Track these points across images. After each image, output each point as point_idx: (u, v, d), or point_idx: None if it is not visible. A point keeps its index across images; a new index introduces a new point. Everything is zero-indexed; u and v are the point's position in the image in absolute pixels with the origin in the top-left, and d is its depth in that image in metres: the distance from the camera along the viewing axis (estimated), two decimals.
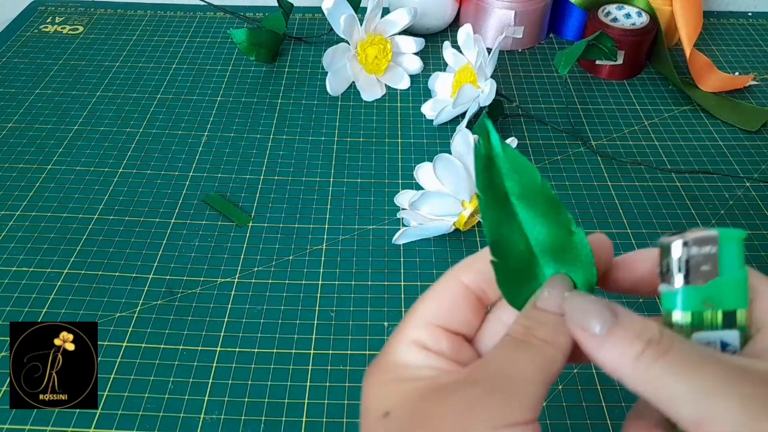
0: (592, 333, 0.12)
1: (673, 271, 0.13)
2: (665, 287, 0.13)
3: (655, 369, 0.11)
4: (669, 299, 0.13)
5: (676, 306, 0.13)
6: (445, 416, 0.12)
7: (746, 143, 0.41)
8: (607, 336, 0.12)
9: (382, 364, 0.14)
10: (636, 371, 0.12)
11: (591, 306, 0.13)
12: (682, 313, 0.13)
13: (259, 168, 0.38)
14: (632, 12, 0.46)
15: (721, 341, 0.13)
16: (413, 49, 0.45)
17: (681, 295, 0.13)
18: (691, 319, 0.13)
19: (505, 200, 0.14)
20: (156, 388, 0.27)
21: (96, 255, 0.32)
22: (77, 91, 0.44)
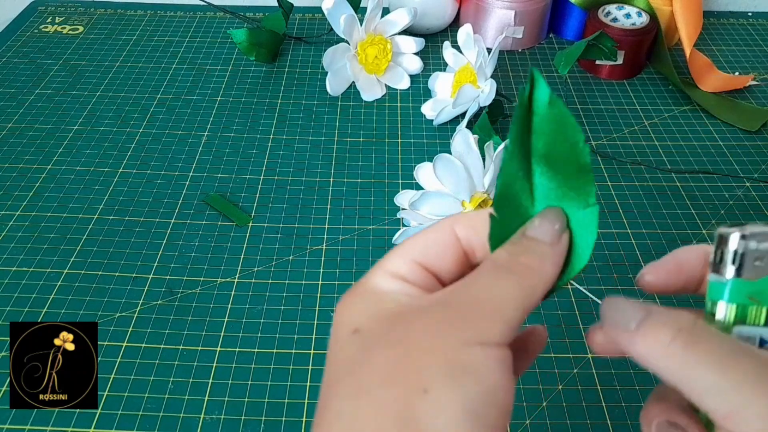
0: (626, 329, 0.12)
1: (727, 261, 0.13)
2: (715, 277, 0.13)
3: (685, 358, 0.11)
4: (716, 289, 0.13)
5: (723, 297, 0.13)
6: (415, 332, 0.12)
7: (746, 143, 0.41)
8: (639, 328, 0.12)
9: (357, 288, 0.14)
10: (666, 359, 0.12)
11: (625, 305, 0.13)
12: (727, 305, 0.13)
13: (259, 168, 0.38)
14: (632, 12, 0.46)
15: (760, 338, 0.13)
16: (413, 49, 0.45)
17: (729, 287, 0.13)
18: (735, 312, 0.13)
19: (526, 158, 0.14)
20: (156, 388, 0.27)
21: (96, 255, 0.32)
22: (77, 91, 0.44)
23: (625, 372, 0.28)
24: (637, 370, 0.28)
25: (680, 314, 0.12)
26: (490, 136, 0.36)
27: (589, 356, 0.28)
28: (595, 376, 0.27)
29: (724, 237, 0.13)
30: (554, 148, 0.14)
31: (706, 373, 0.11)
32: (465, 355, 0.12)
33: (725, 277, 0.13)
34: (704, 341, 0.12)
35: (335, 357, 0.13)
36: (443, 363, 0.11)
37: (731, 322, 0.13)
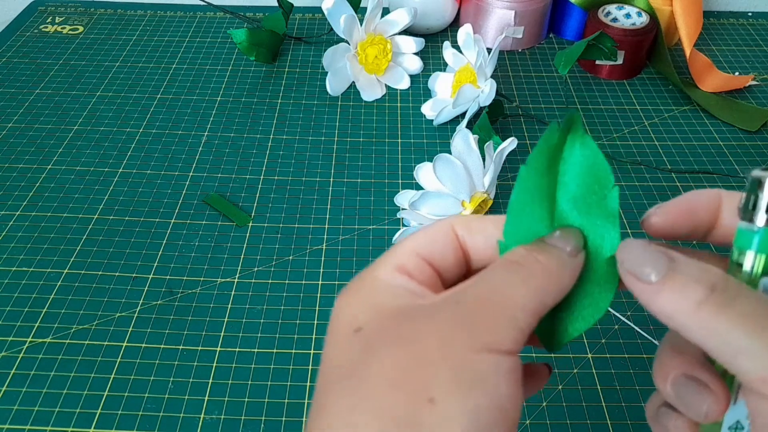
0: (647, 281, 0.11)
1: (760, 207, 0.12)
2: (745, 225, 0.12)
3: (720, 319, 0.11)
4: (745, 238, 0.12)
5: (752, 246, 0.12)
6: (422, 335, 0.11)
7: (746, 143, 0.41)
8: (665, 281, 0.11)
9: (361, 280, 0.13)
10: (698, 320, 0.11)
11: (646, 250, 0.12)
12: (757, 255, 0.12)
13: (259, 168, 0.38)
14: (632, 12, 0.46)
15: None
16: (413, 49, 0.45)
17: (761, 235, 0.12)
18: (765, 263, 0.12)
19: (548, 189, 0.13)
20: (156, 388, 0.27)
21: (96, 255, 0.32)
22: (77, 91, 0.44)
23: (625, 372, 0.28)
24: (637, 370, 0.28)
25: (710, 269, 0.11)
26: (490, 136, 0.36)
27: (589, 356, 0.28)
28: (595, 376, 0.27)
29: (761, 181, 0.12)
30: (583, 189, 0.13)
31: (741, 336, 0.10)
32: (474, 363, 0.11)
33: (757, 225, 0.12)
34: (739, 301, 0.11)
35: (334, 356, 0.12)
36: (451, 371, 0.11)
37: (758, 274, 0.12)
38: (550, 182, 0.14)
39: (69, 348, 0.28)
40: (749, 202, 0.12)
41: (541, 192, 0.14)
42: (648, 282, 0.11)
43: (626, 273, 0.12)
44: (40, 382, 0.27)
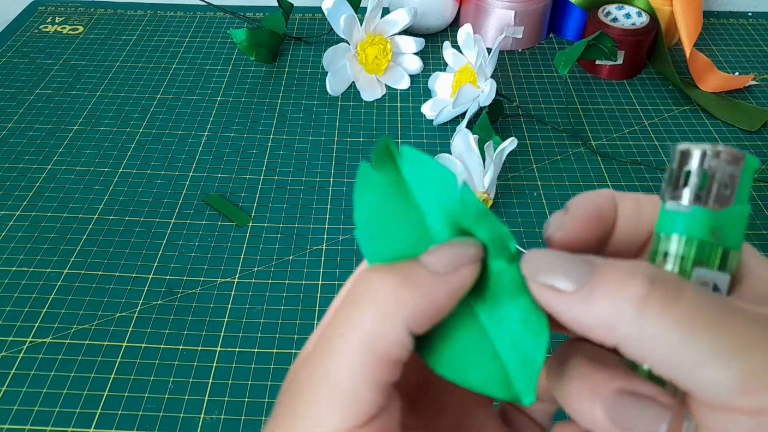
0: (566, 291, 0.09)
1: (692, 184, 0.10)
2: (671, 205, 0.10)
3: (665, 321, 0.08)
4: (672, 221, 0.10)
5: (681, 230, 0.10)
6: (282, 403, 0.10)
7: (746, 143, 0.41)
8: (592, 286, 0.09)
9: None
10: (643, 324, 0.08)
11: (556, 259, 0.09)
12: (688, 240, 0.10)
13: (259, 168, 0.38)
14: (632, 12, 0.46)
15: (714, 284, 0.10)
16: (413, 49, 0.45)
17: (693, 216, 0.10)
18: (696, 251, 0.10)
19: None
20: (156, 388, 0.27)
21: (96, 255, 0.32)
22: (77, 91, 0.44)
23: None
24: None
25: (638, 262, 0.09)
26: (490, 136, 0.36)
27: None
28: None
29: (688, 154, 0.10)
30: (440, 204, 0.11)
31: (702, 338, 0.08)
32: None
33: (684, 203, 0.10)
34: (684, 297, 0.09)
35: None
36: None
37: (690, 262, 0.10)
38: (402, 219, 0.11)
39: (69, 348, 0.28)
40: (678, 178, 0.10)
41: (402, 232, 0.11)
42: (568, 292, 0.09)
43: (538, 287, 0.10)
44: (40, 382, 0.27)
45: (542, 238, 0.32)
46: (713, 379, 0.09)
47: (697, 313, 0.09)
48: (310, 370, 0.10)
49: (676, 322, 0.09)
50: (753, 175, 0.10)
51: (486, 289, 0.11)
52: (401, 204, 0.11)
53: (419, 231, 0.11)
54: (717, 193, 0.10)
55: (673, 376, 0.09)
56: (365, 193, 0.11)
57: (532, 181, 0.37)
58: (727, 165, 0.10)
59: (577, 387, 0.10)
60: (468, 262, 0.10)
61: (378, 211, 0.11)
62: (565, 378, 0.10)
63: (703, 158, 0.10)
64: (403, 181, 0.11)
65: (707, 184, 0.10)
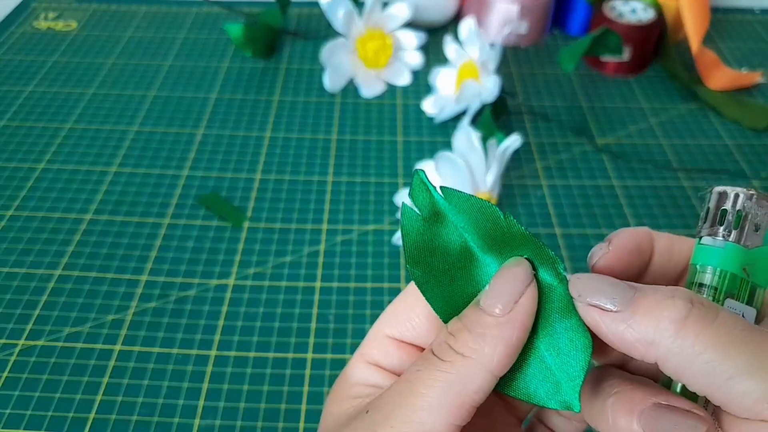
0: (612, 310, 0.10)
1: (726, 222, 0.11)
2: (709, 240, 0.11)
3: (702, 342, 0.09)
4: (707, 255, 0.11)
5: (714, 263, 0.11)
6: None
7: (753, 142, 0.40)
8: (634, 307, 0.10)
9: (337, 383, 0.14)
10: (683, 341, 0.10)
11: (601, 282, 0.11)
12: (722, 273, 0.11)
13: (255, 167, 0.37)
14: (638, 7, 0.45)
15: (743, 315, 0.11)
16: (414, 44, 0.44)
17: (726, 252, 0.11)
18: (728, 283, 0.11)
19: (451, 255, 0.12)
20: (150, 393, 0.26)
21: (89, 256, 0.32)
22: (70, 88, 0.43)
23: None
24: None
25: (677, 288, 0.10)
26: (493, 133, 0.36)
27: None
28: None
29: (726, 195, 0.11)
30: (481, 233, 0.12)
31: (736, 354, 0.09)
32: None
33: (722, 240, 0.11)
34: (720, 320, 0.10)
35: None
36: None
37: (722, 293, 0.11)
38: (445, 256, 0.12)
39: (61, 351, 0.28)
40: (713, 217, 0.12)
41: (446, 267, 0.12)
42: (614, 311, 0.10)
43: (586, 307, 0.11)
44: (33, 386, 0.26)
45: (545, 237, 0.31)
46: (744, 392, 0.10)
47: (732, 333, 0.10)
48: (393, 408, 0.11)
49: (712, 340, 0.10)
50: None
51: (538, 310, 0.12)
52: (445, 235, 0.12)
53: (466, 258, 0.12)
54: (749, 232, 0.11)
55: (707, 389, 0.10)
56: (411, 233, 0.13)
57: (536, 179, 0.37)
58: (759, 207, 0.11)
59: (614, 403, 0.11)
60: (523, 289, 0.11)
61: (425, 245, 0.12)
62: (601, 396, 0.11)
63: (738, 199, 0.11)
64: (442, 214, 0.13)
65: (741, 224, 0.11)
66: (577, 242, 0.33)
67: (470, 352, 0.11)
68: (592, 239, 0.33)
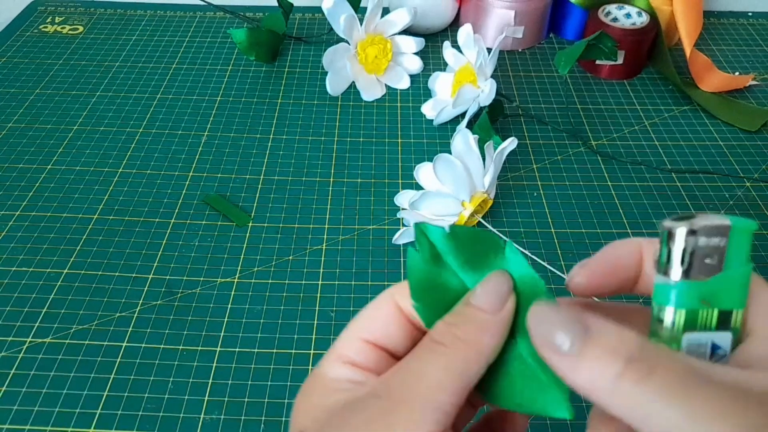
0: (560, 350, 0.11)
1: (674, 261, 0.11)
2: (661, 279, 0.12)
3: (639, 393, 0.10)
4: (663, 293, 0.12)
5: (670, 302, 0.11)
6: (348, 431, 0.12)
7: (746, 143, 0.41)
8: (580, 355, 0.11)
9: (310, 380, 0.14)
10: (616, 395, 0.10)
11: (558, 317, 0.11)
12: (676, 311, 0.11)
13: (259, 168, 0.38)
14: (632, 12, 0.46)
15: (712, 343, 0.11)
16: (413, 48, 0.45)
17: (678, 291, 0.11)
18: (685, 318, 0.11)
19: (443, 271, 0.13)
20: (156, 388, 0.27)
21: (96, 255, 0.32)
22: (77, 90, 0.44)
23: None
24: None
25: (625, 335, 0.11)
26: (490, 135, 0.36)
27: None
28: None
29: (671, 233, 0.11)
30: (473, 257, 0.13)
31: (664, 410, 0.10)
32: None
33: (672, 279, 0.11)
34: (659, 372, 0.10)
35: None
36: None
37: (680, 329, 0.11)
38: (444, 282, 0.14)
39: (69, 348, 0.28)
40: (663, 255, 0.11)
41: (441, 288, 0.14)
42: (563, 354, 0.11)
43: (539, 343, 0.11)
44: (40, 382, 0.27)
45: (541, 237, 0.32)
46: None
47: (667, 390, 0.10)
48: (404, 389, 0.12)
49: (646, 395, 0.10)
50: (749, 236, 0.11)
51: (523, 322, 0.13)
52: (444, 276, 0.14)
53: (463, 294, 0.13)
54: (700, 266, 0.11)
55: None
56: (414, 272, 0.14)
57: (532, 180, 0.37)
58: (708, 238, 0.11)
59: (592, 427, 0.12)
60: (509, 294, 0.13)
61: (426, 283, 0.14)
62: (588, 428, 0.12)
63: (680, 237, 0.11)
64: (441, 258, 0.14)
65: (691, 260, 0.11)
66: (573, 242, 0.33)
67: (474, 340, 0.12)
68: (588, 239, 0.34)
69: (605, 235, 0.34)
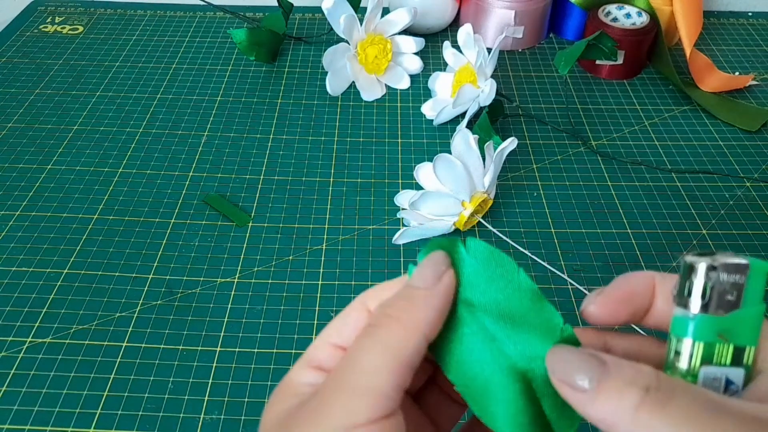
0: (580, 389, 0.11)
1: (694, 294, 0.12)
2: (680, 311, 0.12)
3: (658, 422, 0.10)
4: (681, 325, 0.12)
5: (688, 334, 0.12)
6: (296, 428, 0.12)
7: (746, 143, 0.41)
8: (598, 389, 0.11)
9: (279, 386, 0.14)
10: (636, 427, 0.10)
11: (574, 357, 0.12)
12: (694, 343, 0.12)
13: (259, 168, 0.38)
14: (632, 12, 0.46)
15: (726, 379, 0.12)
16: (413, 48, 0.45)
17: (697, 323, 0.12)
18: (703, 352, 0.12)
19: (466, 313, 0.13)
20: (156, 389, 0.27)
21: (96, 255, 0.32)
22: (77, 90, 0.44)
23: None
24: None
25: (641, 368, 0.11)
26: (490, 135, 0.36)
27: None
28: None
29: (693, 267, 0.12)
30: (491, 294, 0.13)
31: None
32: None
33: (692, 312, 0.12)
34: (676, 401, 0.10)
35: None
36: None
37: (698, 362, 0.12)
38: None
39: (69, 348, 0.28)
40: (684, 288, 0.12)
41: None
42: (582, 390, 0.11)
43: (559, 382, 0.12)
44: (40, 382, 0.27)
45: (541, 237, 0.32)
46: None
47: (685, 418, 0.10)
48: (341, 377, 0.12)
49: (666, 424, 0.10)
50: (765, 276, 0.12)
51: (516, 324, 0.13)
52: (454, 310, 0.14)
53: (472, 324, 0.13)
54: (720, 301, 0.12)
55: None
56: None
57: (533, 180, 0.37)
58: (728, 275, 0.11)
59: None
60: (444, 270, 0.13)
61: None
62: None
63: (705, 272, 0.12)
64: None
65: (711, 295, 0.12)
66: (573, 242, 0.33)
67: (405, 315, 0.12)
68: (588, 239, 0.34)
69: (605, 235, 0.34)
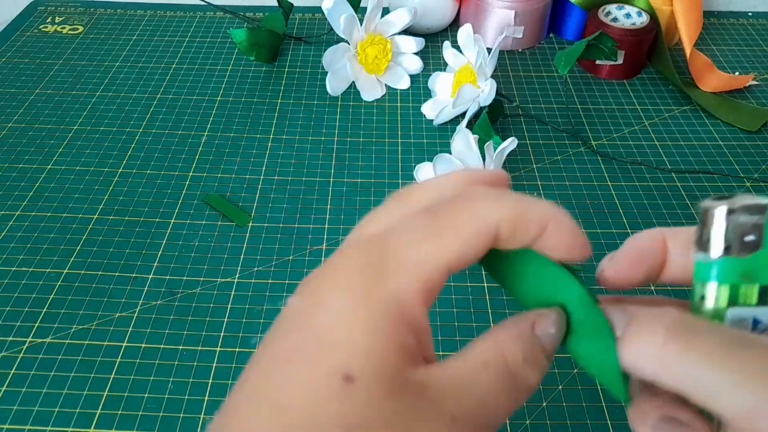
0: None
1: (715, 239, 0.12)
2: (701, 256, 0.12)
3: (685, 358, 0.10)
4: (704, 270, 0.12)
5: (711, 278, 0.12)
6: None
7: (746, 143, 0.41)
8: (626, 333, 0.11)
9: (372, 276, 0.13)
10: (663, 365, 0.10)
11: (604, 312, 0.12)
12: (719, 287, 0.12)
13: (259, 168, 0.38)
14: (632, 12, 0.46)
15: (753, 318, 0.12)
16: (413, 48, 0.45)
17: (720, 266, 0.12)
18: (729, 294, 0.12)
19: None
20: (156, 388, 0.27)
21: (96, 255, 0.32)
22: (77, 90, 0.44)
23: None
24: None
25: (665, 311, 0.11)
26: (490, 136, 0.36)
27: None
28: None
29: (710, 212, 0.12)
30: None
31: (710, 373, 0.10)
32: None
33: (713, 256, 0.12)
34: (701, 336, 0.10)
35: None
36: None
37: (725, 305, 0.12)
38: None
39: (69, 348, 0.28)
40: (704, 233, 0.12)
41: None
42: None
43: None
44: (40, 382, 0.27)
45: None
46: (731, 405, 0.10)
47: (711, 351, 0.10)
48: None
49: (692, 360, 0.10)
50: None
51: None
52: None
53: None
54: (741, 243, 0.11)
55: (701, 403, 0.11)
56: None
57: (533, 180, 0.37)
58: (748, 216, 0.11)
59: (636, 411, 0.12)
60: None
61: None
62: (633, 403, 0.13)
63: (725, 215, 0.12)
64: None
65: (731, 237, 0.12)
66: None
67: (535, 382, 0.12)
68: (588, 238, 0.34)
69: (605, 235, 0.34)
